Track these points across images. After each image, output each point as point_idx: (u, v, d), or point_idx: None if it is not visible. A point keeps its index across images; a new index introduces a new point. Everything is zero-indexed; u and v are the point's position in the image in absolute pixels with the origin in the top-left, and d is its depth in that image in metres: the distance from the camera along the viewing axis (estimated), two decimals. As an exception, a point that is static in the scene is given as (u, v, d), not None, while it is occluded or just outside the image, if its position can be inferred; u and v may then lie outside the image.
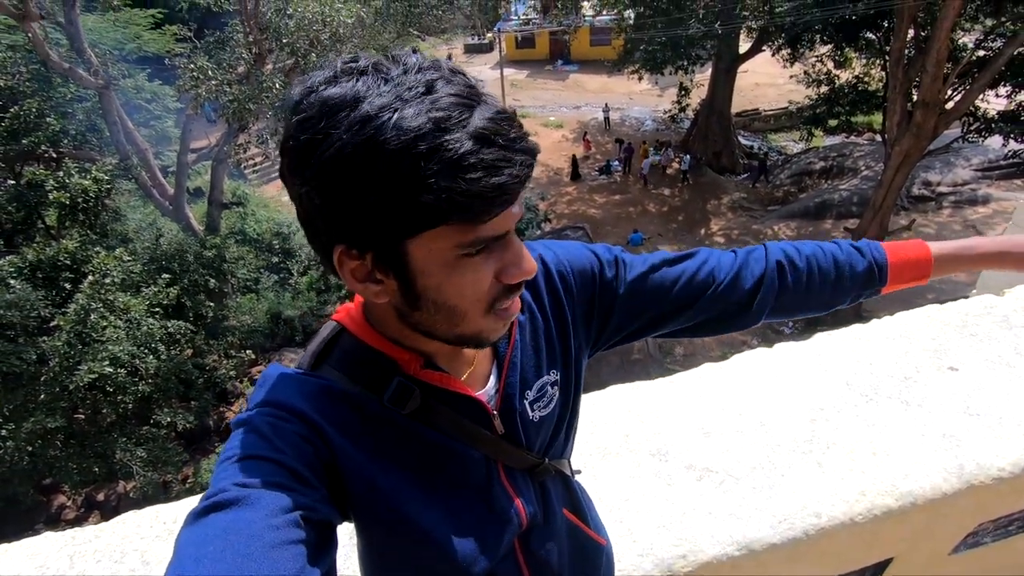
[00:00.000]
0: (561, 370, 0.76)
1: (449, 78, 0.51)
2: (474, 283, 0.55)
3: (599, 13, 18.63)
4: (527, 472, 0.74)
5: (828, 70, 14.23)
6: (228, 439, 0.57)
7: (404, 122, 0.47)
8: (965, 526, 1.33)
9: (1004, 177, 15.57)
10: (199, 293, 11.93)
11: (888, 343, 1.50)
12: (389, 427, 0.62)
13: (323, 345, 0.65)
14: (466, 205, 0.48)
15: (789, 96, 20.71)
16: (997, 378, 1.37)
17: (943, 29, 9.27)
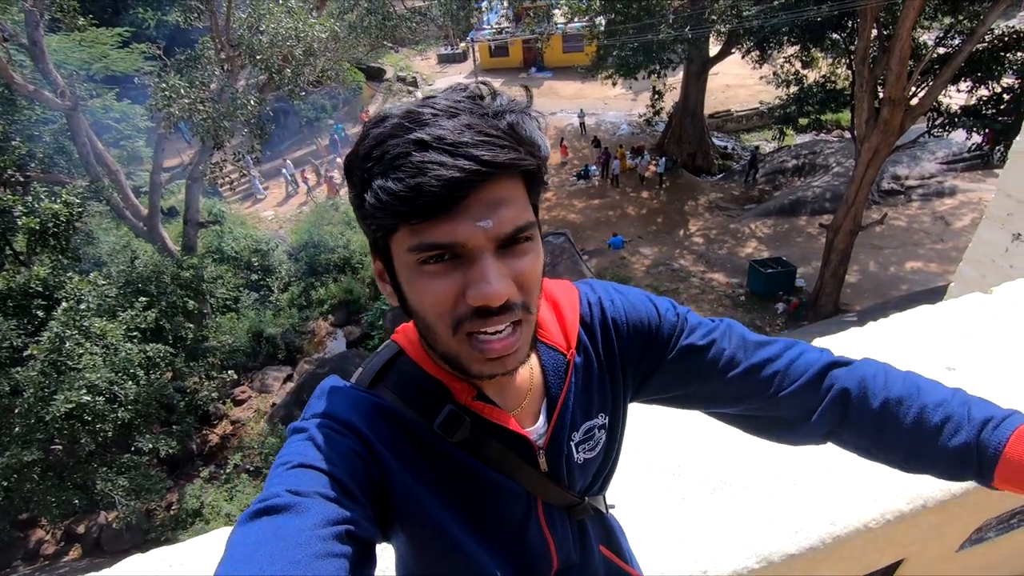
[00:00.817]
0: (609, 414, 0.76)
1: (465, 89, 0.55)
2: (430, 293, 0.55)
3: (571, 20, 18.79)
4: (565, 511, 0.75)
5: (796, 70, 14.53)
6: (284, 444, 0.60)
7: (375, 131, 0.53)
8: (971, 524, 1.35)
9: (968, 169, 16.07)
10: (178, 315, 11.69)
11: (886, 345, 1.52)
12: (436, 452, 0.64)
13: (382, 365, 0.67)
14: (389, 204, 0.51)
15: (760, 96, 21.14)
16: (993, 375, 1.40)
17: (904, 28, 9.54)
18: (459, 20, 15.90)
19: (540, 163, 0.56)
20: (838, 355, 0.74)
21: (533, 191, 0.58)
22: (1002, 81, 11.27)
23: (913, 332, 1.55)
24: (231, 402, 13.21)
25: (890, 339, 1.54)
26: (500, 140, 0.52)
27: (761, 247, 15.38)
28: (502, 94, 0.56)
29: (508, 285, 0.54)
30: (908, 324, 1.58)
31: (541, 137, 0.56)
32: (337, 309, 15.59)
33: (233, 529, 0.51)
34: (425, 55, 30.07)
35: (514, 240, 0.55)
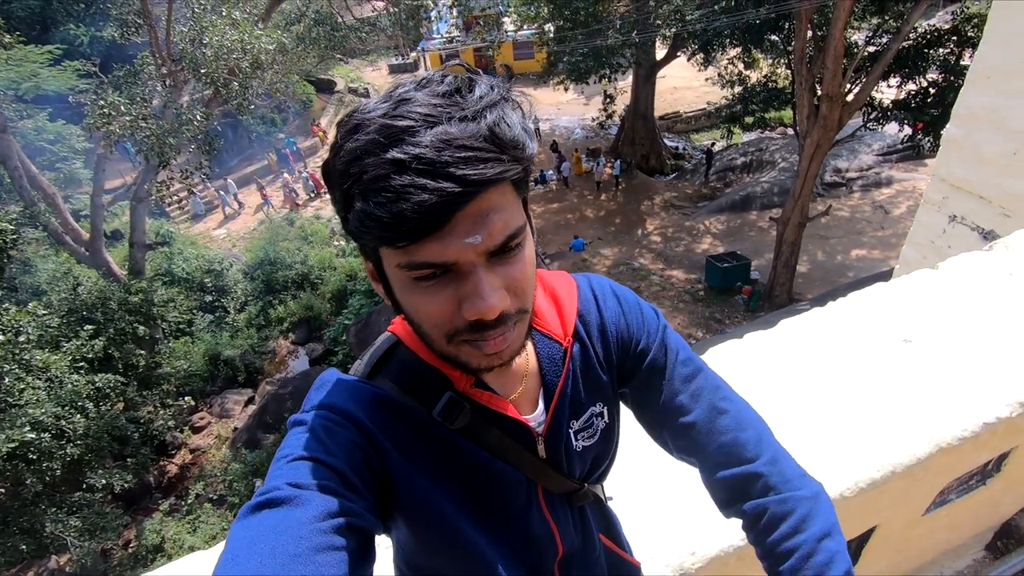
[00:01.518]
0: (607, 403, 0.76)
1: (440, 82, 0.52)
2: (426, 308, 0.54)
3: (520, 28, 19.00)
4: (566, 498, 0.75)
5: (739, 71, 15.10)
6: (285, 437, 0.59)
7: (350, 144, 0.50)
8: (935, 487, 1.42)
9: (902, 160, 16.99)
10: (127, 342, 11.16)
11: (848, 323, 1.59)
12: (436, 440, 0.64)
13: (381, 354, 0.67)
14: (373, 229, 0.49)
15: (706, 97, 21.83)
16: (945, 346, 1.48)
17: (837, 29, 10.05)
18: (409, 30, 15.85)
19: (527, 165, 0.54)
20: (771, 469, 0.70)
21: (522, 189, 0.56)
22: (928, 76, 11.98)
23: (870, 308, 1.62)
24: (189, 430, 12.68)
25: (850, 316, 1.60)
26: (483, 153, 0.49)
27: (716, 243, 15.84)
28: (481, 82, 0.53)
29: (502, 297, 0.53)
30: (865, 301, 1.65)
31: (525, 131, 0.53)
32: (298, 327, 15.19)
33: (233, 523, 0.51)
34: (376, 66, 29.83)
35: (507, 247, 0.53)
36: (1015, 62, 2.95)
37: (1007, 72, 3.00)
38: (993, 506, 1.74)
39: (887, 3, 11.28)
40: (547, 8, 17.17)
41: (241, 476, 10.67)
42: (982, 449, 1.37)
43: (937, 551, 1.81)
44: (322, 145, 23.07)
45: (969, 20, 11.47)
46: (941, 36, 11.76)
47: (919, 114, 11.96)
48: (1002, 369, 1.39)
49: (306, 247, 16.80)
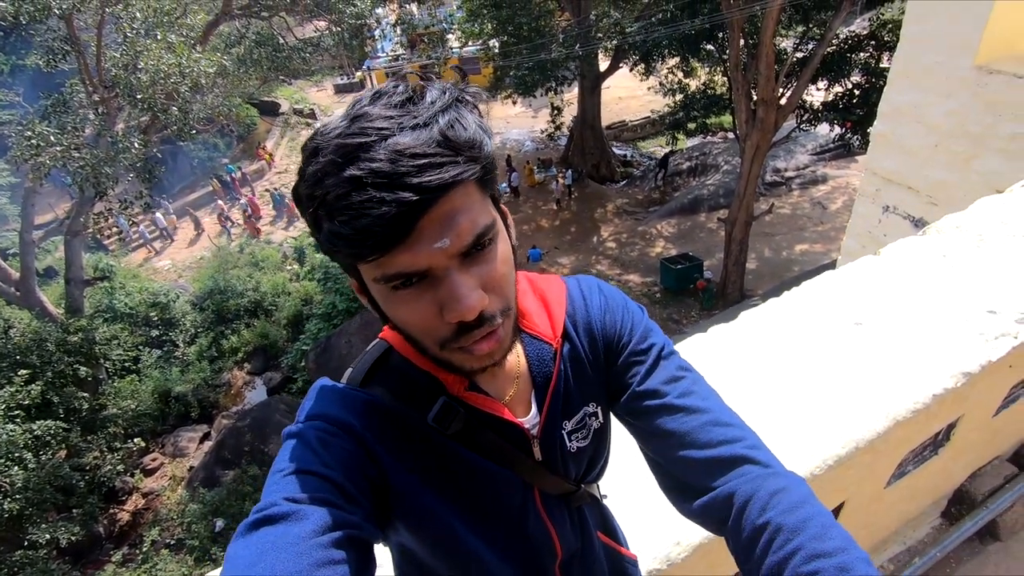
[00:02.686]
0: (599, 402, 0.76)
1: (391, 95, 0.52)
2: (412, 315, 0.55)
3: (465, 44, 19.17)
4: (563, 500, 0.75)
5: (679, 80, 15.69)
6: (280, 450, 0.59)
7: (311, 167, 0.51)
8: (895, 459, 1.50)
9: (835, 158, 17.98)
10: (68, 384, 10.51)
11: (803, 310, 1.66)
12: (432, 446, 0.64)
13: (373, 361, 0.67)
14: (342, 247, 0.50)
15: (650, 106, 22.53)
16: (893, 326, 1.57)
17: (767, 37, 10.60)
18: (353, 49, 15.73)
19: (485, 162, 0.53)
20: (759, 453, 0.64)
21: (487, 187, 0.56)
22: (852, 78, 12.76)
23: (823, 295, 1.70)
24: (141, 473, 11.99)
25: (805, 303, 1.68)
26: (437, 158, 0.49)
27: (669, 245, 16.28)
28: (431, 87, 0.53)
29: (480, 297, 0.53)
30: (818, 289, 1.73)
31: (481, 129, 0.53)
32: (253, 356, 14.65)
33: (231, 541, 0.50)
34: (321, 86, 29.46)
35: (478, 245, 0.53)
36: (929, 61, 3.19)
37: (923, 70, 3.24)
38: (946, 474, 1.85)
39: (810, 12, 11.99)
40: (491, 24, 17.40)
41: (200, 517, 10.15)
42: (933, 420, 1.45)
43: (900, 522, 1.91)
44: (268, 168, 22.53)
45: (884, 25, 12.31)
46: (861, 41, 12.56)
47: (846, 114, 12.70)
48: (944, 343, 1.48)
49: (258, 273, 16.30)
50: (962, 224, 1.92)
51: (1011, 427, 1.88)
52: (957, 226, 1.92)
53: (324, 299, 14.85)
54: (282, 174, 22.51)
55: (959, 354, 1.44)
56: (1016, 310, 1.54)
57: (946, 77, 3.15)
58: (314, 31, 13.60)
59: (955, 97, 3.15)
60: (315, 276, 16.02)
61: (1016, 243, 1.79)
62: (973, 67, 3.02)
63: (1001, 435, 1.95)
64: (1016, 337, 1.48)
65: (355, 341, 12.83)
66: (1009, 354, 1.45)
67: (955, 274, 1.71)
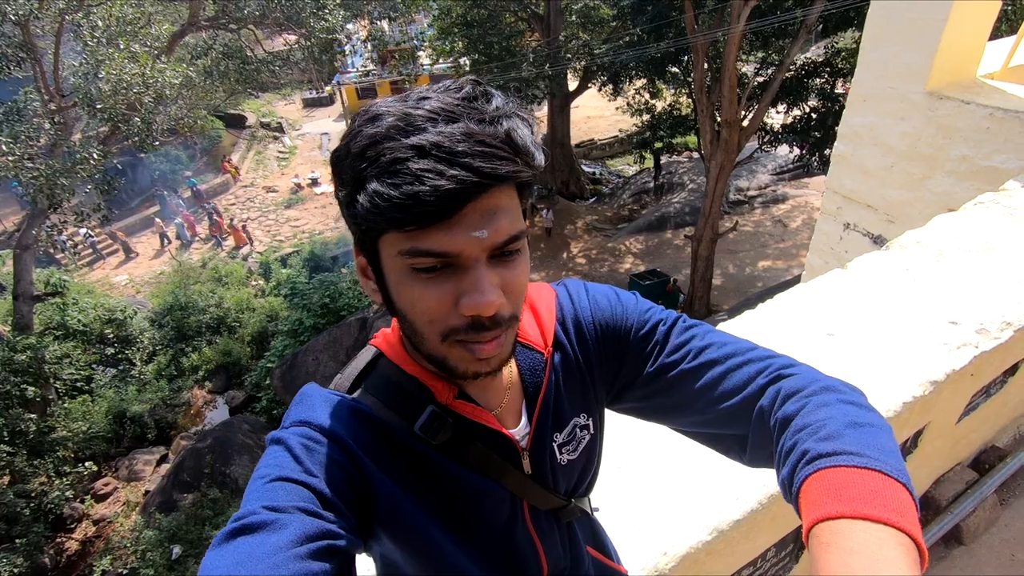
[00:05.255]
0: (591, 414, 0.75)
1: (459, 89, 0.54)
2: (423, 301, 0.54)
3: (436, 61, 19.31)
4: (553, 514, 0.74)
5: (646, 100, 16.13)
6: (263, 455, 0.57)
7: (374, 129, 0.51)
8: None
9: (794, 177, 18.68)
10: (13, 406, 9.96)
11: (777, 322, 1.71)
12: (419, 457, 0.62)
13: (362, 368, 0.66)
14: (385, 210, 0.49)
15: (618, 125, 23.05)
16: (861, 336, 1.62)
17: (729, 61, 11.02)
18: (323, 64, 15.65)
19: (535, 172, 0.55)
20: (792, 370, 0.65)
21: (525, 198, 0.58)
22: (809, 103, 13.34)
23: (795, 308, 1.75)
24: (91, 499, 11.39)
25: (778, 315, 1.73)
26: (498, 151, 0.50)
27: (637, 262, 16.56)
28: (496, 94, 0.55)
29: (499, 295, 0.54)
30: (790, 301, 1.78)
31: (535, 144, 0.55)
32: (215, 374, 14.18)
33: (207, 551, 0.49)
34: (289, 99, 29.15)
35: (508, 250, 0.54)
36: (884, 86, 3.36)
37: (879, 95, 3.40)
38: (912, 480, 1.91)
39: (770, 39, 12.53)
40: (462, 43, 17.59)
41: (156, 544, 9.68)
42: (903, 427, 1.50)
43: (871, 529, 1.95)
44: (234, 182, 22.07)
45: (838, 54, 12.96)
46: (817, 68, 13.17)
47: (804, 136, 13.24)
48: (911, 353, 1.54)
49: (221, 289, 15.85)
50: (922, 240, 2.01)
51: (972, 434, 1.96)
52: (918, 242, 2.01)
53: (290, 315, 14.52)
54: (248, 187, 22.08)
55: (925, 363, 1.50)
56: (975, 321, 1.61)
57: (900, 101, 3.33)
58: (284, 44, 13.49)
59: (909, 121, 3.32)
60: (281, 292, 15.68)
61: (972, 258, 1.89)
62: (925, 92, 3.20)
63: (963, 442, 2.03)
64: (976, 347, 1.55)
65: (323, 358, 12.55)
66: (971, 363, 1.51)
67: (918, 287, 1.78)
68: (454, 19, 16.99)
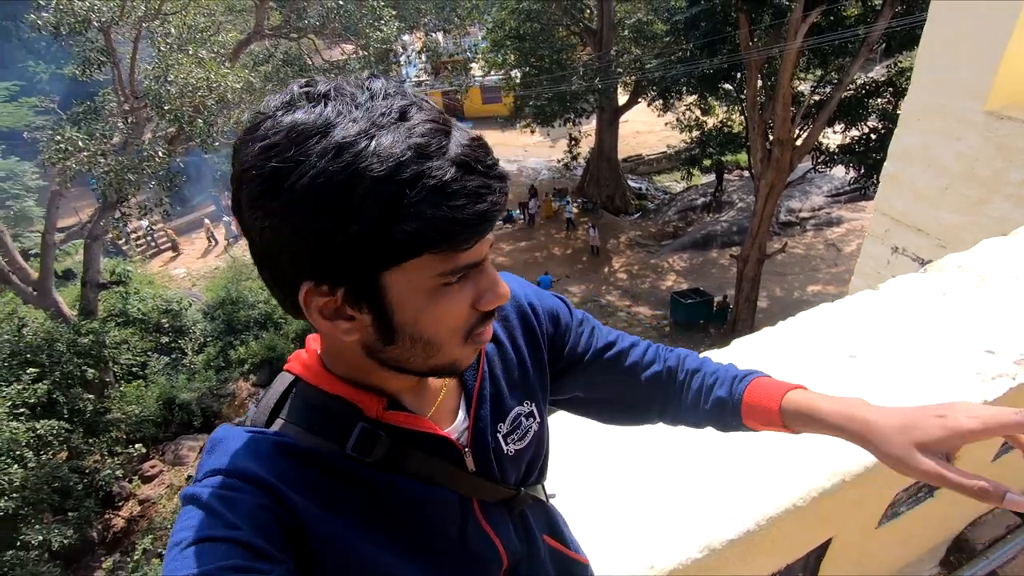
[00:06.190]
0: (536, 401, 0.75)
1: (420, 104, 0.50)
2: (453, 313, 0.54)
3: (488, 73, 19.62)
4: (504, 505, 0.72)
5: (696, 117, 15.89)
6: (177, 518, 0.52)
7: (384, 149, 0.46)
8: (885, 497, 1.45)
9: (850, 200, 17.95)
10: (74, 386, 10.60)
11: (798, 340, 1.64)
12: (355, 481, 0.58)
13: (277, 398, 0.61)
14: (450, 233, 0.48)
15: (667, 141, 22.76)
16: (887, 361, 1.54)
17: (784, 78, 10.75)
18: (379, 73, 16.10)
19: None
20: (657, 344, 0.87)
21: None
22: (868, 123, 12.82)
23: (818, 327, 1.69)
24: (139, 479, 11.96)
25: (799, 333, 1.66)
26: (490, 149, 0.52)
27: (680, 279, 16.23)
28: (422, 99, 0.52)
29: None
30: (813, 320, 1.72)
31: None
32: (259, 368, 14.69)
33: None
34: (345, 108, 30.16)
35: None
36: (940, 104, 3.20)
37: (934, 113, 3.25)
38: (943, 519, 1.79)
39: (828, 56, 12.14)
40: (514, 55, 17.83)
41: (194, 528, 10.05)
42: (926, 458, 1.42)
43: (893, 567, 1.84)
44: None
45: (902, 73, 12.42)
46: (879, 87, 12.67)
47: (862, 158, 12.73)
48: (940, 381, 1.45)
49: (270, 286, 16.45)
50: (964, 264, 1.90)
51: (1012, 473, 1.82)
52: (959, 265, 1.90)
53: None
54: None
55: (954, 393, 1.41)
56: (1015, 351, 1.51)
57: (956, 121, 3.16)
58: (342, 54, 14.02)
59: (965, 141, 3.15)
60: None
61: (1018, 285, 1.77)
62: (984, 112, 3.03)
63: (1002, 481, 1.88)
64: (1014, 378, 1.44)
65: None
66: (1006, 395, 1.41)
67: (955, 312, 1.68)
68: (507, 32, 17.25)
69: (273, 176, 0.46)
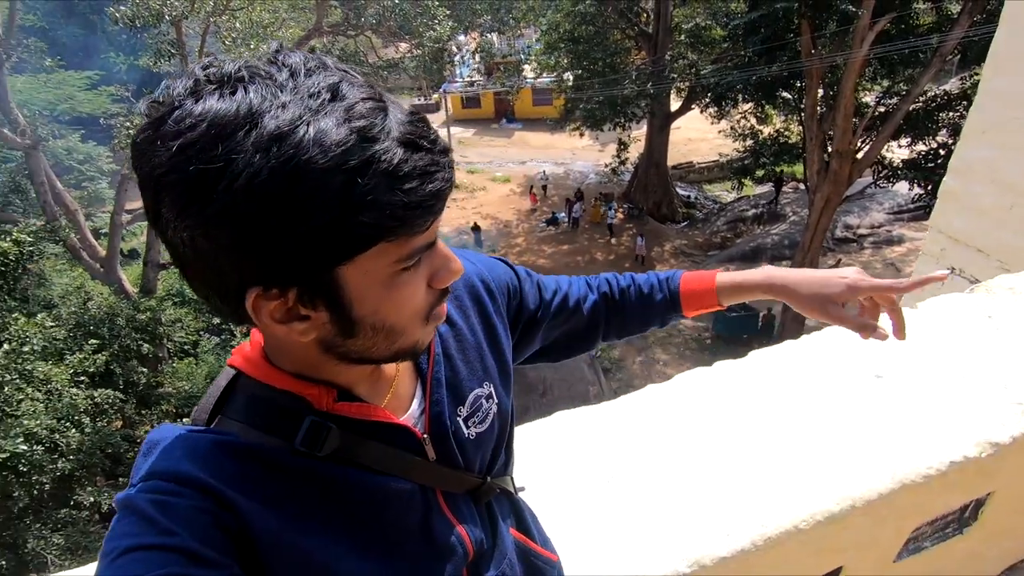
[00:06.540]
0: (496, 382, 0.73)
1: (349, 78, 0.46)
2: (412, 297, 0.52)
3: (540, 75, 19.64)
4: (469, 495, 0.70)
5: (752, 125, 15.41)
6: (111, 526, 0.49)
7: (326, 136, 0.42)
8: (904, 529, 1.36)
9: (913, 219, 16.98)
10: (131, 359, 11.22)
11: (820, 357, 1.56)
12: (305, 477, 0.55)
13: (219, 394, 0.57)
14: (405, 218, 0.45)
15: (719, 149, 22.18)
16: (917, 383, 1.44)
17: (847, 88, 10.28)
18: (433, 73, 16.42)
19: None
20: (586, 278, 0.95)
21: None
22: (937, 138, 12.12)
23: (844, 342, 1.59)
24: (186, 452, 12.56)
25: (822, 349, 1.58)
26: (427, 119, 0.49)
27: (725, 292, 15.77)
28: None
29: None
30: (839, 335, 1.62)
31: None
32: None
33: None
34: (399, 105, 30.77)
35: None
36: (1009, 117, 2.99)
37: (1001, 127, 3.03)
38: (975, 559, 1.65)
39: (897, 66, 11.55)
40: (567, 58, 17.78)
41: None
42: (952, 490, 1.31)
43: (917, 606, 1.71)
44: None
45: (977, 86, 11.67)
46: (951, 100, 11.96)
47: (929, 174, 12.04)
48: (973, 409, 1.34)
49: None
50: (1016, 286, 1.76)
51: None
52: (1011, 287, 1.76)
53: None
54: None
55: (989, 422, 1.31)
56: (1064, 383, 1.38)
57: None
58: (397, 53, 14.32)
59: (1036, 157, 2.93)
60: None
61: (1077, 312, 1.62)
62: (1058, 126, 2.80)
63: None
64: (1060, 412, 1.32)
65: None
66: (1049, 430, 1.29)
67: (999, 337, 1.56)
68: (561, 34, 17.22)
69: (200, 180, 0.41)
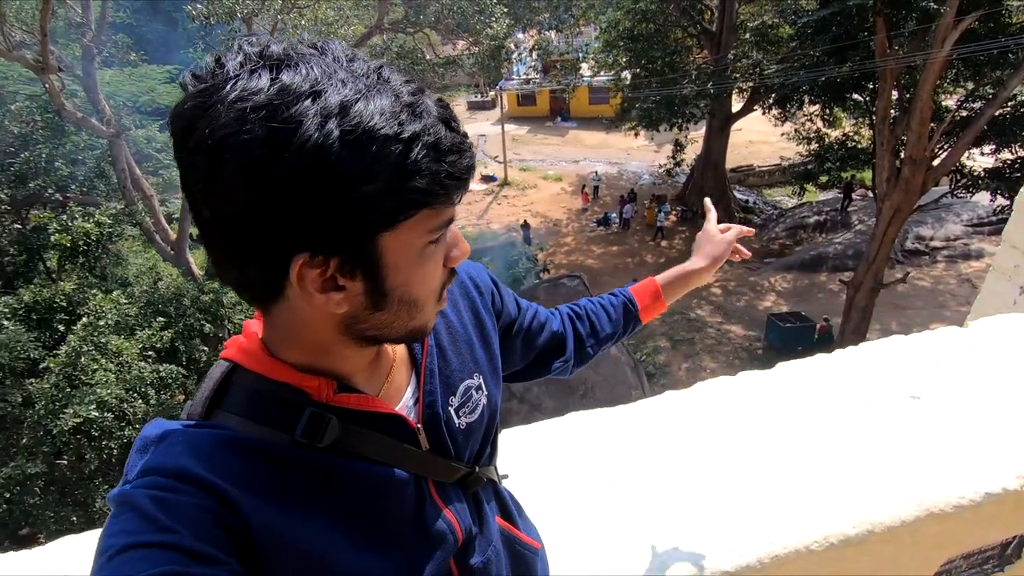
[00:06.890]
0: (485, 373, 0.74)
1: (388, 65, 0.52)
2: (434, 272, 0.55)
3: (597, 74, 19.43)
4: (458, 484, 0.71)
5: (818, 128, 14.69)
6: (106, 523, 0.48)
7: (384, 109, 0.46)
8: (933, 560, 1.27)
9: (995, 232, 15.74)
10: (194, 337, 11.89)
11: (852, 373, 1.48)
12: (306, 469, 0.55)
13: (216, 387, 0.57)
14: (448, 187, 0.49)
15: (781, 152, 21.30)
16: (959, 407, 1.35)
17: (924, 91, 9.64)
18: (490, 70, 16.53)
19: None
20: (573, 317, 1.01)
21: None
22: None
23: (882, 360, 1.51)
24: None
25: (855, 366, 1.50)
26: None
27: (780, 301, 15.16)
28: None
29: None
30: (878, 352, 1.54)
31: None
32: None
33: None
34: (455, 101, 31.24)
35: None
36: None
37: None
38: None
39: (982, 68, 10.73)
40: (625, 57, 17.50)
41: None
42: (990, 524, 1.22)
43: (952, 645, 1.60)
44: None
45: (1077, 90, 10.70)
46: (1043, 105, 11.01)
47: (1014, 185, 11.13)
48: (1019, 440, 1.24)
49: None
50: (1086, 309, 1.61)
51: None
52: (1079, 310, 1.61)
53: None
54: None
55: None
56: None
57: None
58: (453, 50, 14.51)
59: None
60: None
61: None
62: None
63: None
64: (1122, 449, 1.21)
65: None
66: (1107, 467, 1.18)
67: (1059, 363, 1.43)
68: (620, 32, 16.96)
69: (271, 139, 0.43)
